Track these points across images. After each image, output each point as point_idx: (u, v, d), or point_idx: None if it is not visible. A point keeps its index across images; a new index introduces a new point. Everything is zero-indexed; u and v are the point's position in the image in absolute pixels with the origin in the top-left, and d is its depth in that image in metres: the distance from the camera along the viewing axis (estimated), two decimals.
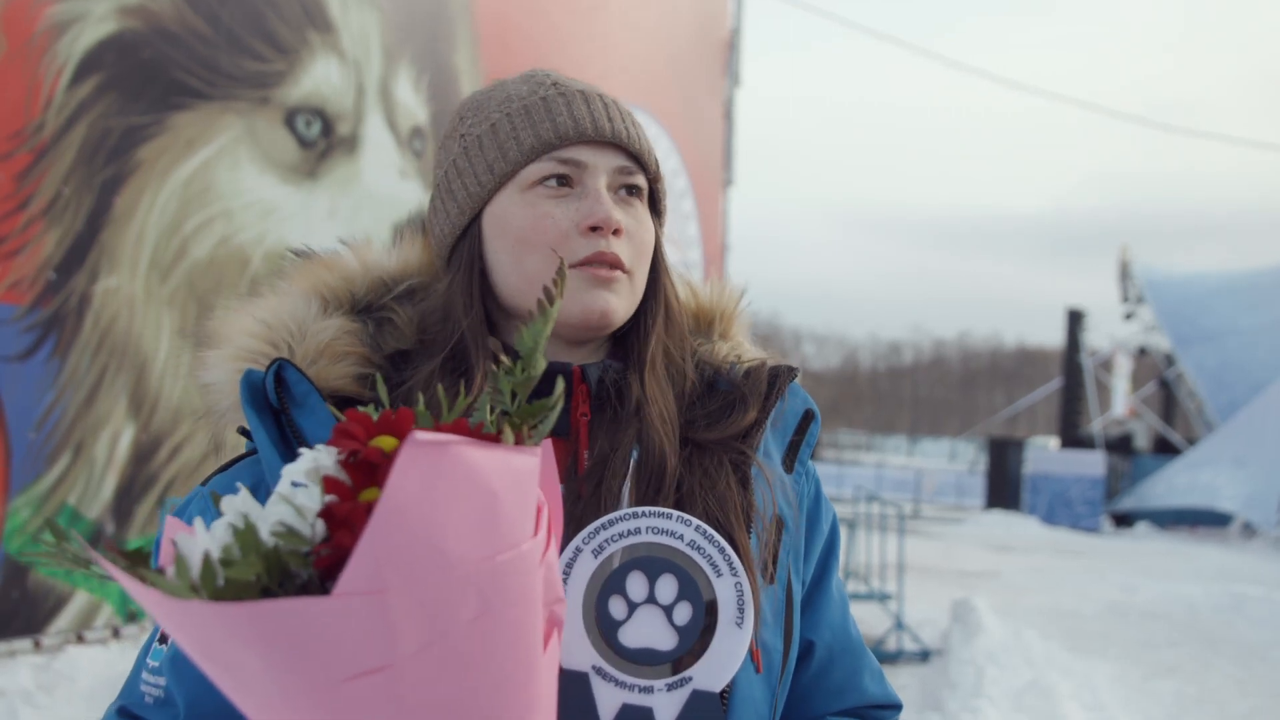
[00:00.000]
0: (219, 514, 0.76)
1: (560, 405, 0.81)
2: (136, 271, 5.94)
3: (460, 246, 1.18)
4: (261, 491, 1.04)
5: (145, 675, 1.09)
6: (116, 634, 5.89)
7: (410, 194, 7.88)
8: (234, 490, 0.95)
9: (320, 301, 1.17)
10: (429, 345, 1.16)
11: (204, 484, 1.17)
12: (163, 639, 1.08)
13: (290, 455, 1.06)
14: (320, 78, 7.06)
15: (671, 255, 1.30)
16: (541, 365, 0.81)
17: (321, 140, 7.09)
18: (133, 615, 5.96)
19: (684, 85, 12.20)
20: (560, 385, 0.82)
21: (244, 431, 1.15)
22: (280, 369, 1.08)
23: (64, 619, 5.65)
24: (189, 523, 0.95)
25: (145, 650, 1.10)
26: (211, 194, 6.36)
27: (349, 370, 1.13)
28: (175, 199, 6.14)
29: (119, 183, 5.85)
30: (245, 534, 0.70)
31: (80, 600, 5.70)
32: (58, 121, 5.55)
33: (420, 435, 0.67)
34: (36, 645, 5.49)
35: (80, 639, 5.71)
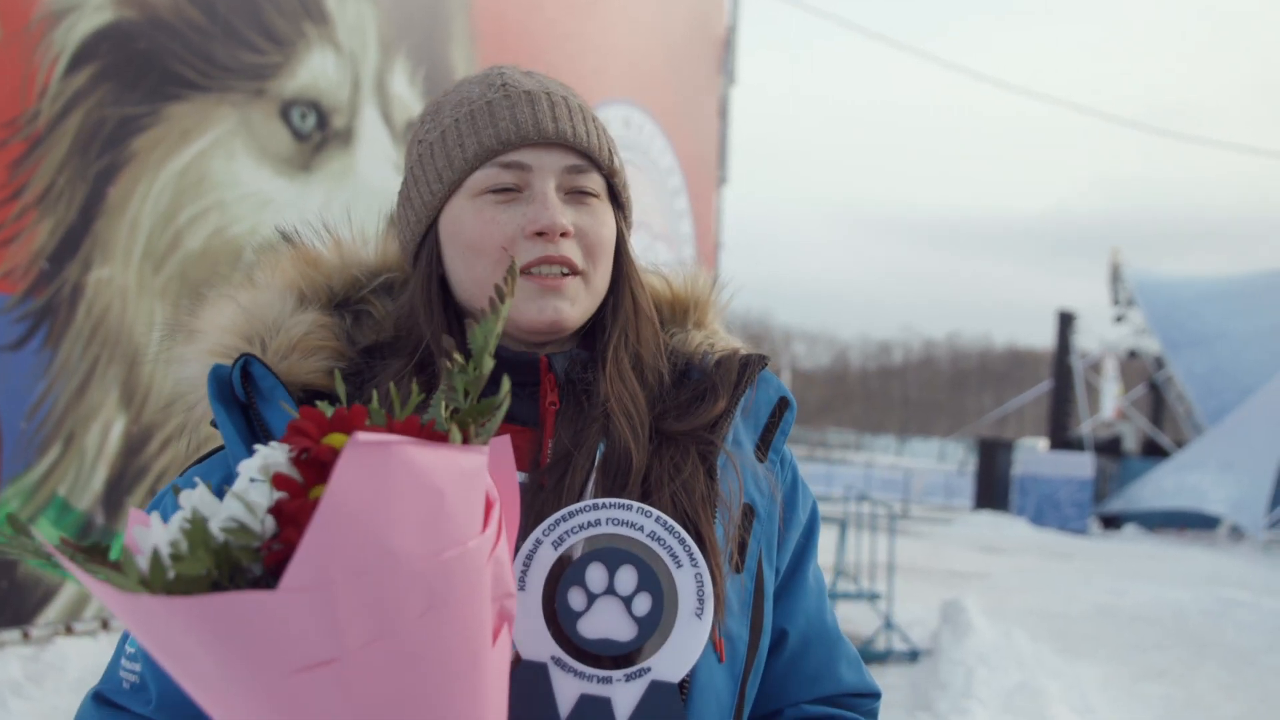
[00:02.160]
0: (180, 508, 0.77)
1: (506, 405, 0.82)
2: (130, 262, 5.92)
3: (421, 253, 1.20)
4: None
5: (124, 661, 1.11)
6: (105, 625, 5.87)
7: None
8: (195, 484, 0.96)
9: (297, 295, 1.20)
10: (404, 340, 1.18)
11: (181, 476, 1.19)
12: None
13: None
14: (316, 70, 7.03)
15: (664, 253, 1.29)
16: (490, 365, 0.82)
17: (316, 133, 7.07)
18: None
19: (680, 82, 12.18)
20: (506, 384, 0.83)
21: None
22: (246, 364, 1.11)
23: (53, 610, 5.63)
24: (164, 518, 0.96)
25: (125, 637, 1.13)
26: (206, 185, 6.34)
27: (321, 364, 1.15)
28: (169, 190, 6.12)
29: (113, 173, 5.82)
30: (194, 530, 0.70)
31: (69, 592, 5.67)
32: (52, 110, 5.52)
33: (363, 436, 0.68)
34: (25, 636, 5.47)
35: (69, 630, 5.69)
